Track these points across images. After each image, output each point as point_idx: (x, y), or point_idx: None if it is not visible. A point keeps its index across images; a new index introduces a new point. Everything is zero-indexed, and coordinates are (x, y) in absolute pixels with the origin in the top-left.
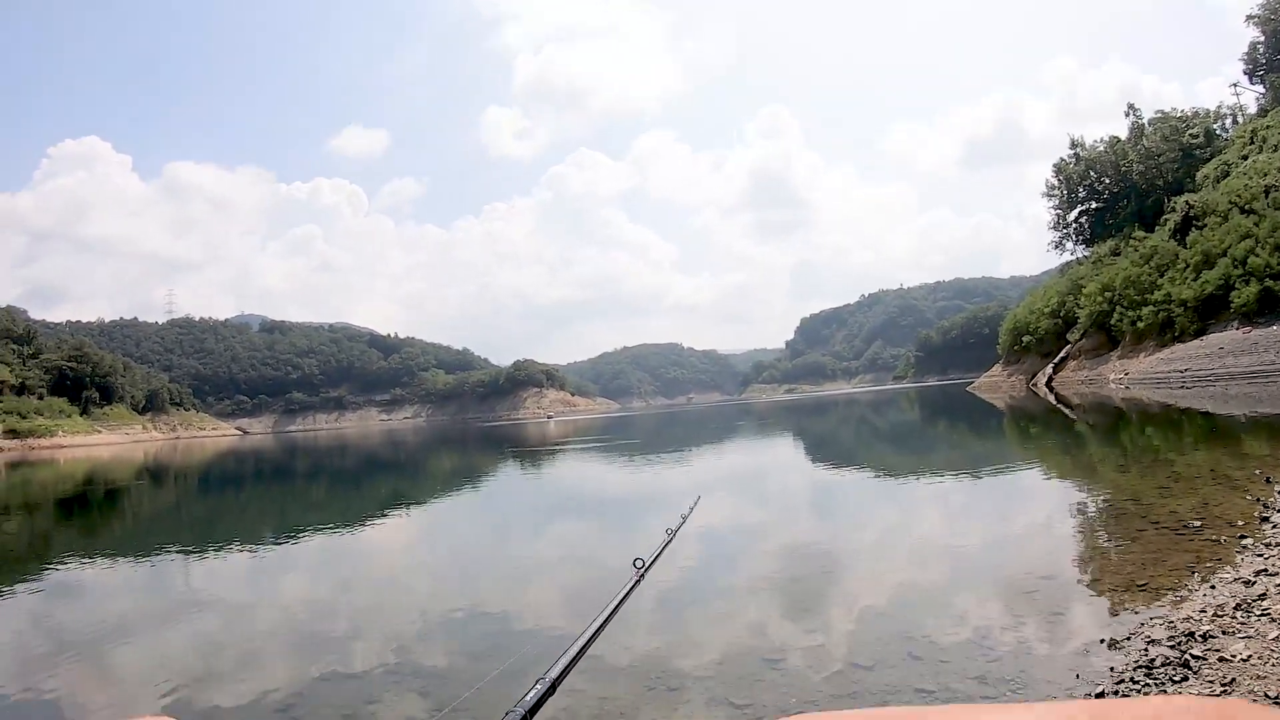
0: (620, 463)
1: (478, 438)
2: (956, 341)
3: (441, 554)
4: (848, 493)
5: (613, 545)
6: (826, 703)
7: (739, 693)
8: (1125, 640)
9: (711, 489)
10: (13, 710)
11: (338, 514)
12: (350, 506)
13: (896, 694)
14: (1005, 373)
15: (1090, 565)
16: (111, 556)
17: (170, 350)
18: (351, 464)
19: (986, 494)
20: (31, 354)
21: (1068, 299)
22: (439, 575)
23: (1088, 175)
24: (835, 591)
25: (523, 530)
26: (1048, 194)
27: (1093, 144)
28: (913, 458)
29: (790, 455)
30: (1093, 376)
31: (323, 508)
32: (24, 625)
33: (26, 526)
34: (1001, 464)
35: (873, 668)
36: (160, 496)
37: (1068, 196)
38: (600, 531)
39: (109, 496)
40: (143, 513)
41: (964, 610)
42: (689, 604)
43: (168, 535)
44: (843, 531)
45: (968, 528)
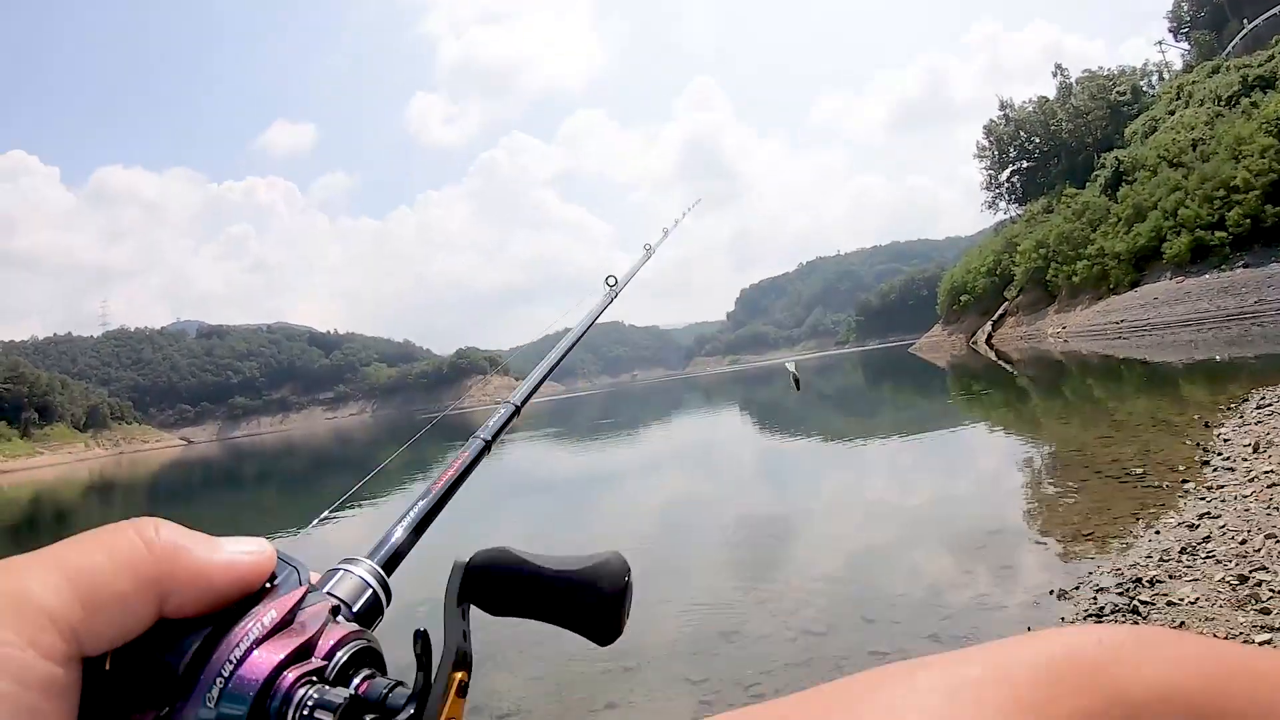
0: (572, 445)
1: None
2: (896, 304)
3: None
4: (796, 460)
5: (568, 530)
6: (782, 672)
7: (696, 668)
8: (1074, 590)
9: (659, 466)
10: None
11: (291, 518)
12: (302, 509)
13: (851, 658)
14: (946, 333)
15: (1037, 517)
16: None
17: (108, 364)
18: (300, 466)
19: (933, 453)
20: None
21: (1003, 257)
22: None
23: (1018, 135)
24: (787, 559)
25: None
26: (979, 155)
27: (1021, 104)
28: (859, 421)
29: (737, 426)
30: (1031, 332)
31: (275, 512)
32: None
33: None
34: (946, 422)
35: (826, 633)
36: (109, 514)
37: (999, 157)
38: (547, 518)
39: (58, 519)
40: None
41: (915, 569)
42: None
43: None
44: (793, 499)
45: (916, 487)
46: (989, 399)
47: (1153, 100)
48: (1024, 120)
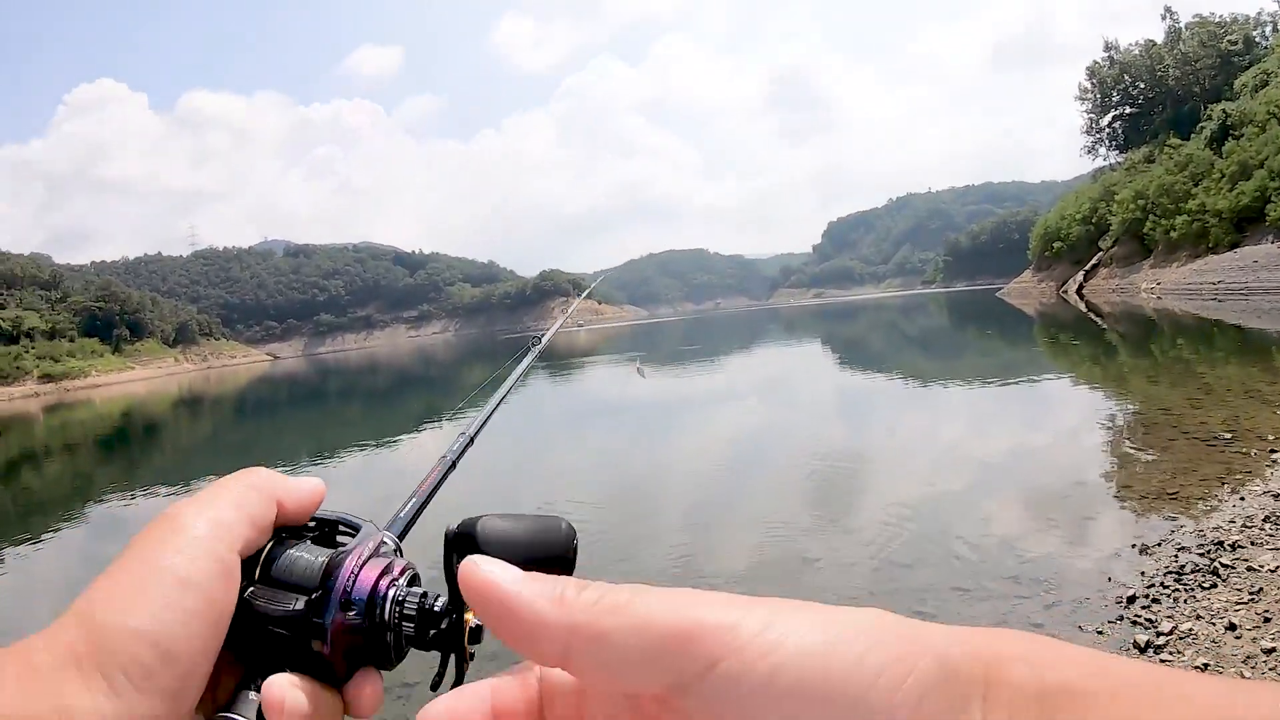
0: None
1: (507, 349)
2: (986, 247)
3: (476, 464)
4: (878, 398)
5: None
6: (868, 600)
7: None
8: (1156, 546)
9: (745, 394)
10: None
11: (372, 431)
12: (384, 423)
13: (934, 591)
14: (1036, 279)
15: (1122, 472)
16: (151, 490)
17: (196, 282)
18: (383, 382)
19: (1018, 401)
20: (59, 298)
21: (1100, 206)
22: (473, 486)
23: (1122, 79)
24: (871, 493)
25: (555, 443)
26: (1081, 97)
27: (1127, 47)
28: (943, 364)
29: (820, 361)
30: (1124, 285)
31: (357, 425)
32: (72, 561)
33: (69, 467)
34: (1032, 371)
35: (911, 566)
36: (197, 427)
37: (1101, 101)
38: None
39: (148, 431)
40: (181, 444)
41: (998, 513)
42: (723, 504)
43: (206, 465)
44: (876, 436)
45: (1001, 434)
46: (1077, 351)
47: (1266, 52)
48: (1129, 64)
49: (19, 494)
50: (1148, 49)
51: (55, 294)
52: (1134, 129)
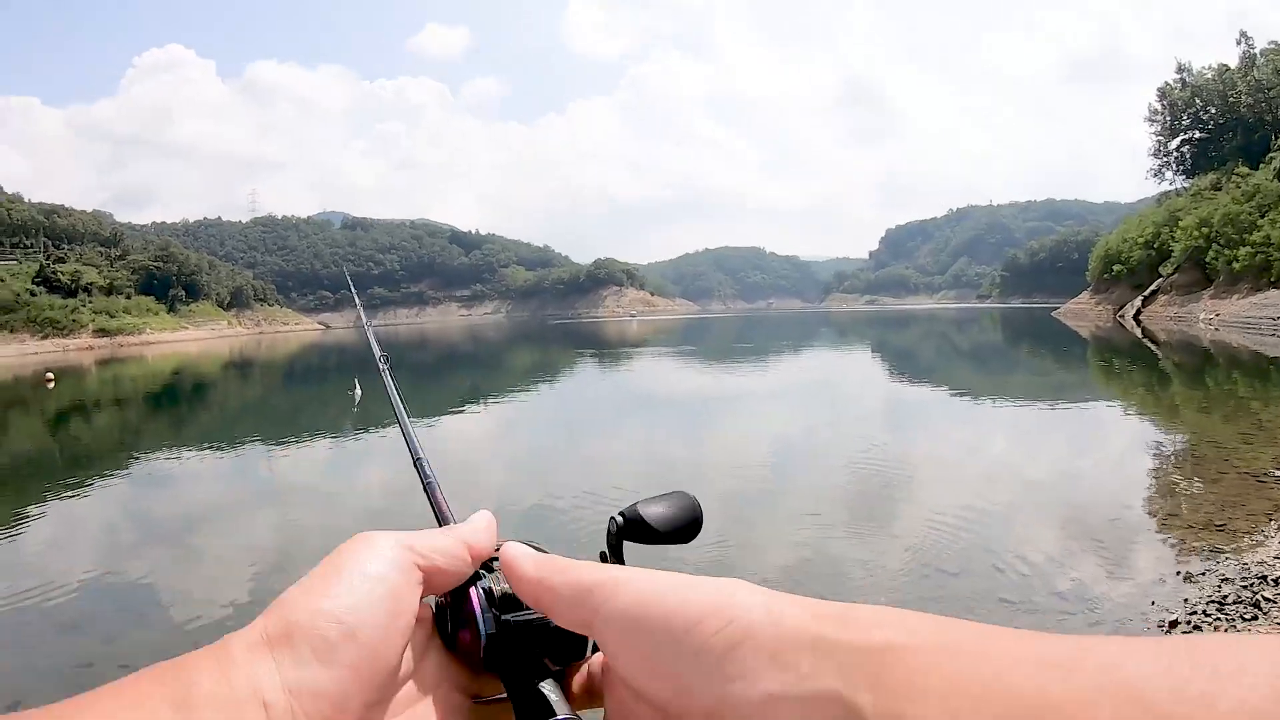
0: (701, 366)
1: (558, 335)
2: (1045, 264)
3: (517, 449)
4: (926, 410)
5: (690, 451)
6: (916, 605)
7: (832, 592)
8: (1200, 575)
9: (794, 394)
10: (104, 592)
11: (418, 408)
12: (430, 400)
13: (981, 601)
14: (1093, 301)
15: (1168, 501)
16: (198, 448)
17: (254, 248)
18: (432, 358)
19: (1067, 423)
20: (119, 255)
21: (1163, 230)
22: (515, 468)
23: (1193, 102)
24: (917, 502)
25: (597, 432)
26: (1149, 119)
27: (1200, 70)
28: (993, 380)
29: (871, 369)
30: (1182, 314)
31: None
32: (115, 514)
33: (118, 420)
34: (1083, 395)
35: (958, 575)
36: (246, 389)
37: (1170, 123)
38: (676, 437)
39: (196, 390)
40: (229, 405)
41: (1042, 531)
42: (767, 500)
43: (252, 427)
44: (922, 446)
45: (1049, 454)
46: (1130, 377)
47: None
48: (1201, 87)
49: (66, 443)
50: (1220, 73)
51: (115, 251)
52: (1202, 154)
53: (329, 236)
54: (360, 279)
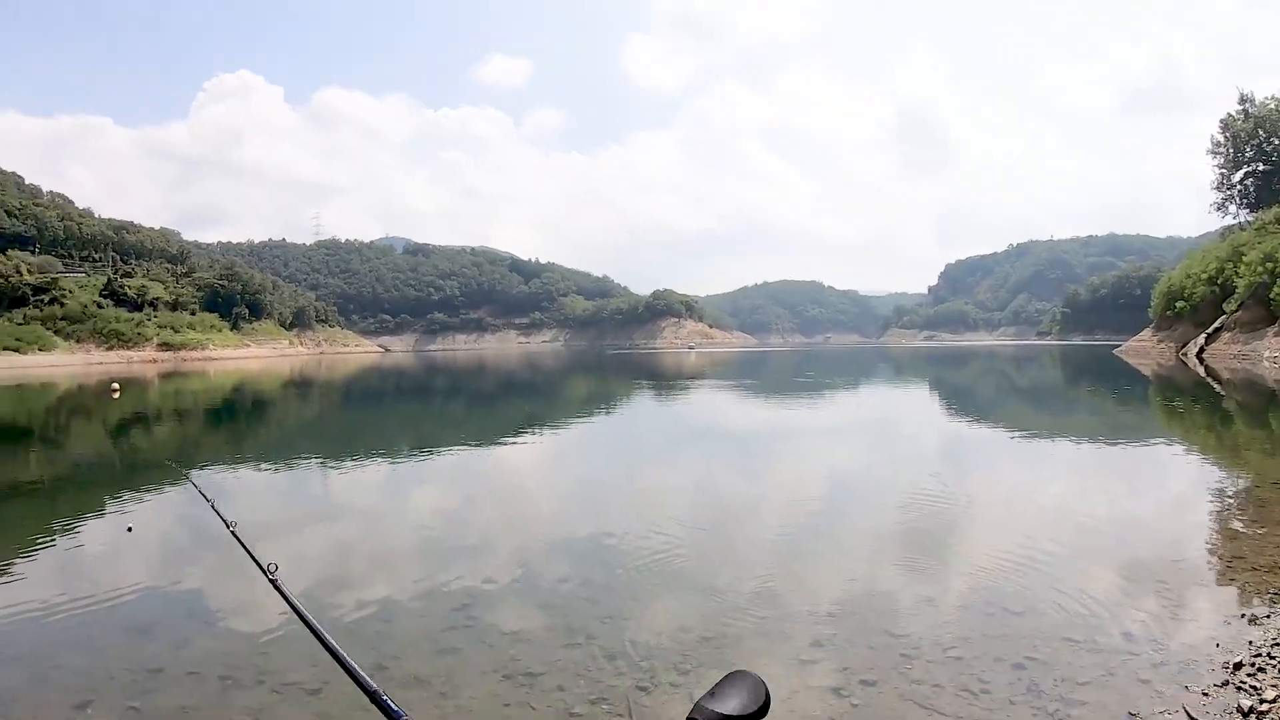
0: (760, 398)
1: (615, 365)
2: (1106, 301)
3: (572, 479)
4: (983, 446)
5: (747, 484)
6: (980, 642)
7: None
8: (1264, 618)
9: (848, 431)
10: (170, 599)
11: (473, 433)
12: (486, 426)
13: (1046, 640)
14: (1155, 338)
15: (1231, 544)
16: (255, 462)
17: (317, 270)
18: (489, 384)
19: (1127, 463)
20: (185, 273)
21: (1227, 266)
22: (567, 499)
23: (1256, 134)
24: (976, 541)
25: (654, 462)
26: (1212, 151)
27: (1263, 100)
28: (1051, 418)
29: (929, 404)
30: (1246, 352)
31: (460, 425)
32: (170, 522)
33: (177, 432)
34: (1144, 435)
35: (1022, 613)
36: (304, 407)
37: (1234, 156)
38: (734, 469)
39: (256, 406)
40: (287, 422)
41: (1106, 571)
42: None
43: (309, 444)
44: (979, 484)
45: (1107, 494)
46: (1192, 417)
47: None
48: (1264, 118)
49: (125, 451)
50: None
51: (181, 268)
52: (1267, 187)
53: (391, 261)
54: (420, 304)
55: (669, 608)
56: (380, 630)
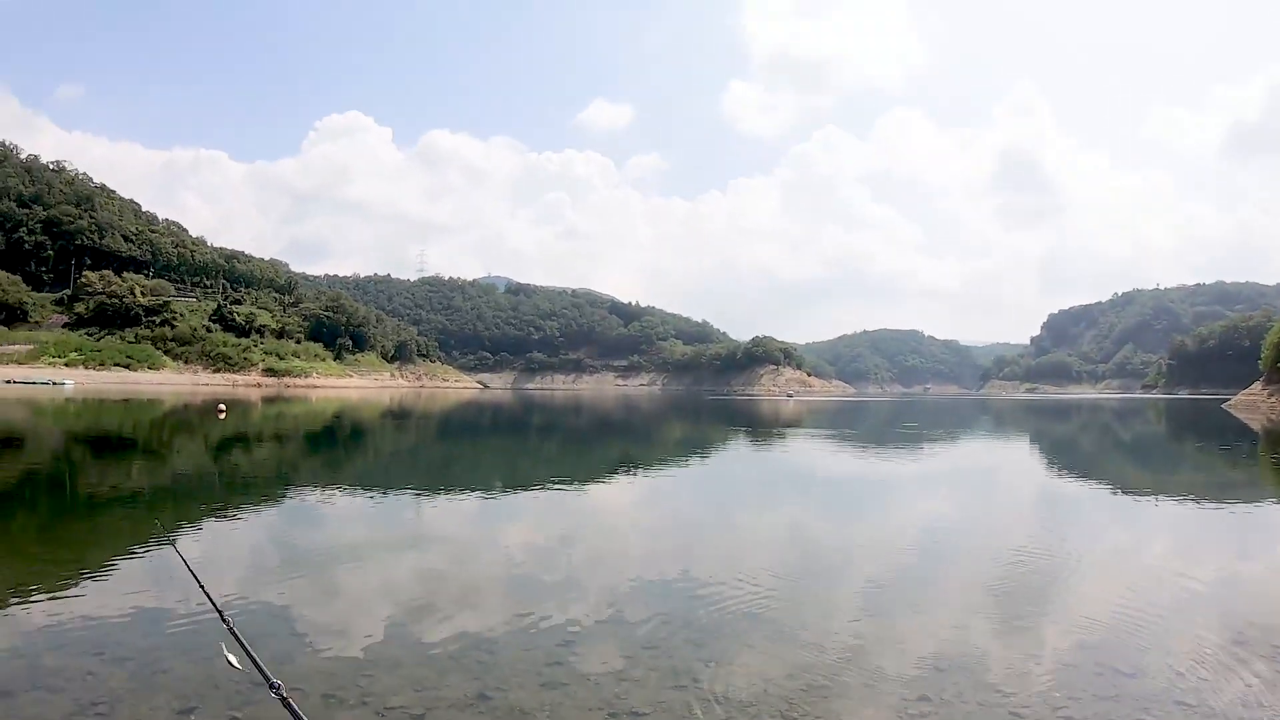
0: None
1: (712, 409)
2: (1214, 352)
3: (666, 521)
4: (1087, 505)
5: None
6: (1092, 703)
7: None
8: None
9: (947, 483)
10: (274, 614)
11: (568, 471)
12: (581, 465)
13: (1158, 703)
14: (1265, 392)
15: None
16: (350, 488)
17: (420, 305)
18: (586, 424)
19: (1236, 523)
20: (292, 302)
21: None
22: (661, 540)
23: None
24: (1082, 600)
25: (750, 508)
26: None
27: None
28: (1154, 476)
29: (1028, 458)
30: None
31: (554, 463)
32: (263, 541)
33: (276, 454)
34: (1253, 494)
35: (1133, 675)
36: (402, 438)
37: None
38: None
39: (354, 434)
40: (384, 451)
41: (1216, 634)
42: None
43: (404, 474)
44: (1082, 543)
45: (1215, 555)
46: None
47: None
48: None
49: (226, 469)
50: None
51: (288, 298)
52: None
53: (492, 299)
54: (520, 342)
55: (770, 654)
56: (483, 661)
